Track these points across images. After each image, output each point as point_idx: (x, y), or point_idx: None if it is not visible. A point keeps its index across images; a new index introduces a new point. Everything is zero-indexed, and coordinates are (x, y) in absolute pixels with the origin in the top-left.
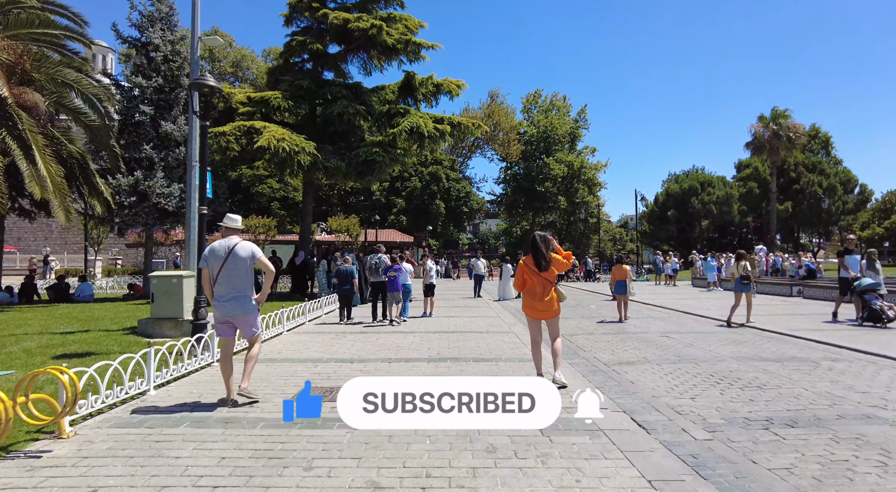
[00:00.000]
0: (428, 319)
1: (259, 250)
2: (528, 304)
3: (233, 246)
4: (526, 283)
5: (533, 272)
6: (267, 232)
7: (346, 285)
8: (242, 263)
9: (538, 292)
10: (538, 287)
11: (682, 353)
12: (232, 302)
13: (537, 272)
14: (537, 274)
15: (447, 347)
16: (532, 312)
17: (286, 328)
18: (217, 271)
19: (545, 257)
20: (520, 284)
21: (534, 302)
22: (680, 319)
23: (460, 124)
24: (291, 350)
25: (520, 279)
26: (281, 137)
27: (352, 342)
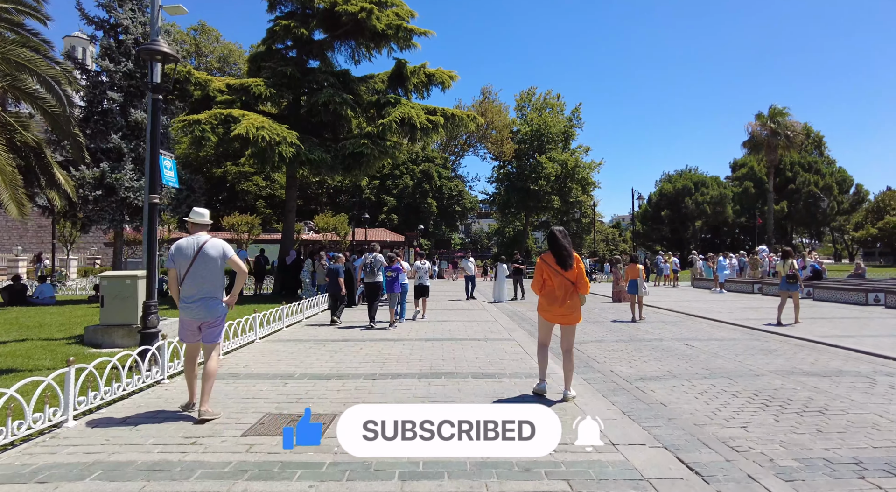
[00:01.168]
0: (419, 325)
1: (231, 249)
2: (545, 308)
3: (202, 244)
4: (545, 284)
5: (555, 272)
6: (251, 230)
7: (336, 284)
8: (212, 263)
9: (559, 296)
10: (559, 290)
11: (711, 365)
12: (199, 304)
13: (560, 272)
14: (560, 274)
15: (441, 359)
16: (548, 315)
17: (259, 336)
18: (184, 271)
19: (570, 254)
20: (538, 285)
21: (553, 307)
22: (693, 323)
23: (454, 116)
24: (261, 363)
25: (538, 280)
26: (260, 125)
27: (331, 353)
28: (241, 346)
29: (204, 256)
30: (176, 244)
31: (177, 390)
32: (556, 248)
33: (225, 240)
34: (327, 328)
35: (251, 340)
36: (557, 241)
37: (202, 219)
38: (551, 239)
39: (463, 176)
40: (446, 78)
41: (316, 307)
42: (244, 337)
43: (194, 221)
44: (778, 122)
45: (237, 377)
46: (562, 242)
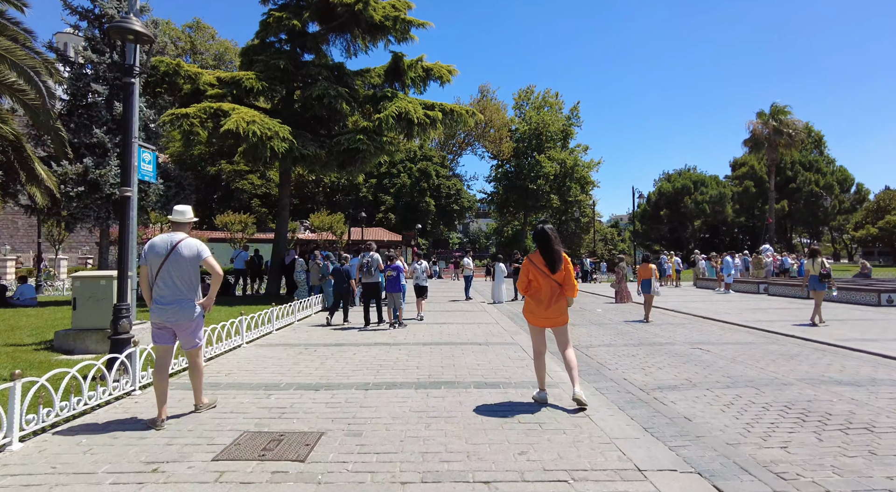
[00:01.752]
0: (417, 328)
1: (206, 249)
2: (531, 310)
3: (176, 243)
4: (531, 285)
5: (542, 273)
6: (244, 229)
7: (344, 284)
8: (186, 263)
9: (545, 298)
10: (546, 292)
11: (732, 373)
12: (173, 306)
13: (548, 274)
14: (547, 276)
15: (440, 366)
16: (535, 320)
17: (246, 340)
18: (156, 270)
19: (558, 255)
20: (524, 285)
21: (539, 309)
22: (703, 325)
23: (453, 111)
24: (245, 371)
25: (524, 280)
26: (251, 119)
27: (323, 359)
28: (226, 351)
29: (176, 256)
30: (150, 242)
31: (148, 402)
32: (546, 250)
33: (218, 239)
34: (320, 331)
35: (237, 345)
36: (549, 242)
37: (181, 217)
38: (541, 239)
39: (461, 175)
40: (445, 72)
41: (309, 309)
42: (229, 341)
43: (174, 219)
44: (780, 120)
45: (217, 387)
46: (553, 243)
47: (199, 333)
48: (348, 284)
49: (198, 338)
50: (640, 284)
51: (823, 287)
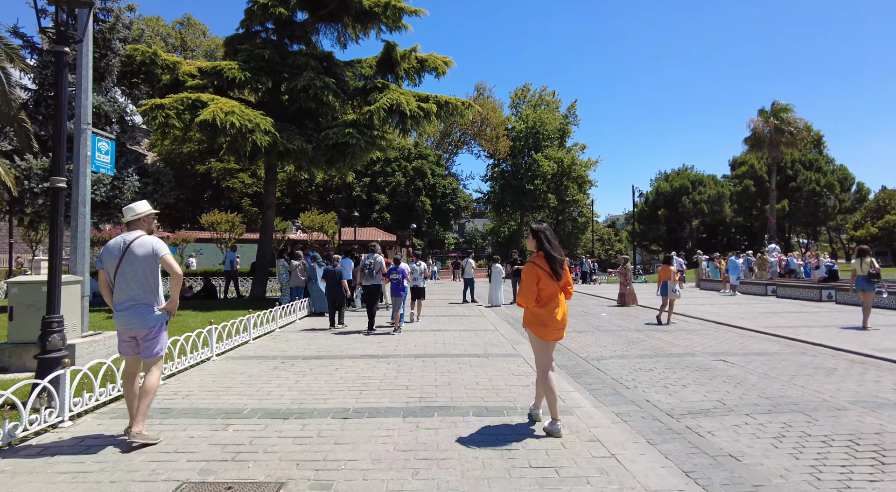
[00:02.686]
0: (409, 337)
1: (164, 247)
2: (544, 322)
3: (129, 242)
4: (541, 294)
5: (550, 278)
6: (232, 229)
7: (336, 288)
8: (141, 264)
9: (556, 305)
10: (557, 298)
11: (769, 392)
12: (130, 312)
13: (553, 278)
14: (554, 281)
15: (434, 385)
16: (550, 333)
17: (216, 351)
18: (113, 273)
19: (562, 259)
20: (531, 295)
21: (554, 321)
22: (718, 332)
23: (448, 104)
24: (206, 391)
25: (531, 288)
26: (230, 109)
27: (299, 375)
28: (193, 365)
29: (130, 257)
30: (106, 244)
31: (76, 434)
32: (549, 252)
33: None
34: (303, 339)
35: (206, 358)
36: (549, 241)
37: (130, 214)
38: (541, 237)
39: (457, 174)
40: (440, 64)
41: (293, 314)
42: (196, 355)
43: (124, 218)
44: (782, 118)
45: (167, 414)
46: (555, 244)
47: (161, 342)
48: (341, 286)
49: (158, 347)
50: (660, 287)
51: (873, 288)
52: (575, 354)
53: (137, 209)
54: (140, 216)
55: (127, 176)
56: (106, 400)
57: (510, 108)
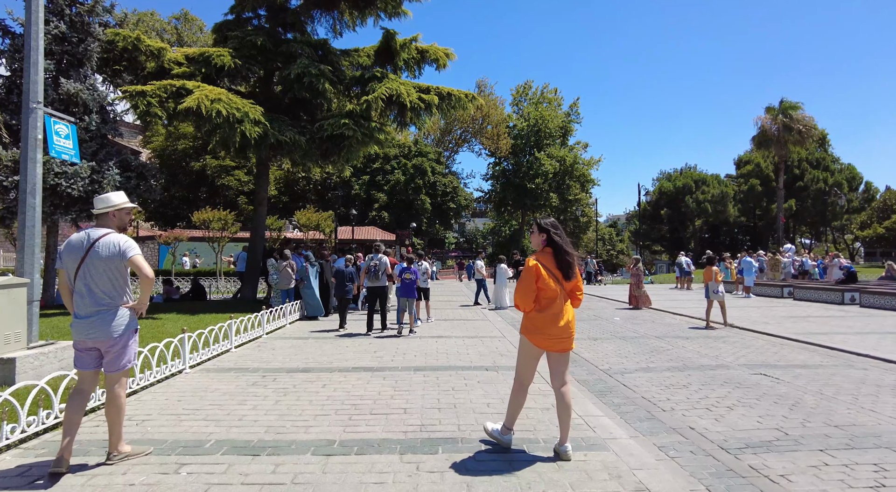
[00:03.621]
0: (409, 344)
1: (133, 247)
2: (540, 328)
3: (94, 240)
4: (541, 295)
5: (555, 279)
6: (225, 227)
7: (346, 287)
8: (104, 266)
9: (558, 311)
10: (560, 302)
11: (836, 418)
12: (90, 319)
13: (558, 279)
14: (559, 283)
15: (437, 407)
16: (544, 341)
17: (191, 363)
18: (73, 274)
19: (572, 258)
20: (530, 295)
21: (554, 327)
22: (746, 339)
23: (450, 95)
24: (168, 415)
25: (530, 287)
26: (216, 97)
27: (280, 393)
28: (161, 380)
29: (93, 257)
30: (68, 239)
31: None
32: (558, 250)
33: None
34: (289, 349)
35: (177, 371)
36: (560, 238)
37: (100, 205)
38: (551, 235)
39: (457, 173)
40: (441, 55)
41: (283, 318)
42: (164, 368)
43: (96, 209)
44: (790, 115)
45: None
46: (564, 240)
47: (129, 352)
48: (350, 287)
49: (125, 358)
50: (706, 290)
51: None
52: (595, 367)
53: (110, 201)
54: (111, 209)
55: (107, 169)
56: (39, 430)
57: (511, 105)
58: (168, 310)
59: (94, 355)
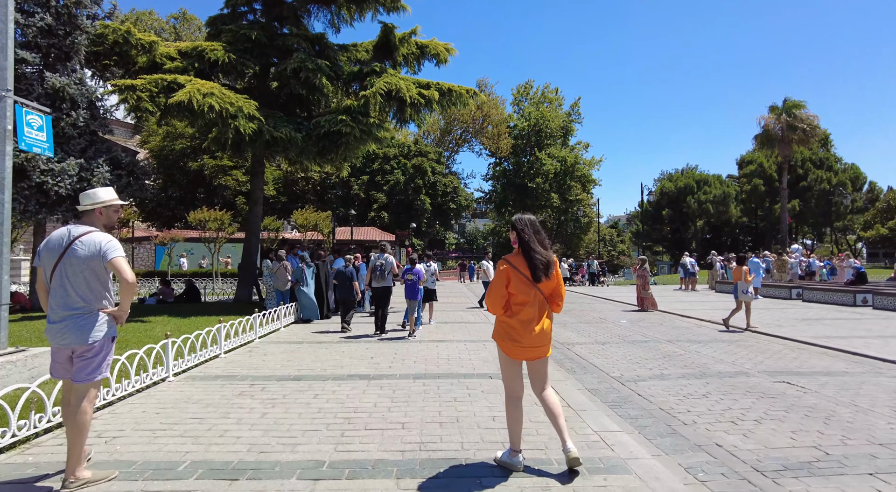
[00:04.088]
0: (408, 348)
1: (116, 248)
2: (511, 336)
3: (74, 238)
4: (511, 300)
5: (527, 282)
6: (221, 228)
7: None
8: (82, 267)
9: (531, 317)
10: (532, 309)
11: (879, 434)
12: (67, 324)
13: (531, 282)
14: (533, 286)
15: (438, 421)
16: (516, 349)
17: (175, 370)
18: (49, 274)
19: (547, 258)
20: (501, 302)
21: (526, 334)
22: (760, 343)
23: (451, 91)
24: (143, 430)
25: (500, 292)
26: (208, 91)
27: (268, 405)
28: (141, 389)
29: (70, 256)
30: (49, 236)
31: None
32: (526, 247)
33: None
34: (282, 354)
35: (160, 379)
36: (536, 234)
37: (85, 201)
38: (520, 230)
39: (457, 173)
40: (442, 50)
41: (277, 321)
42: (144, 376)
43: (81, 205)
44: (794, 114)
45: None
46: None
47: (100, 363)
48: (352, 288)
49: (95, 369)
50: (734, 290)
51: None
52: (605, 374)
53: (97, 197)
54: (97, 206)
55: (96, 167)
56: None
57: (512, 105)
58: (160, 312)
59: (67, 361)
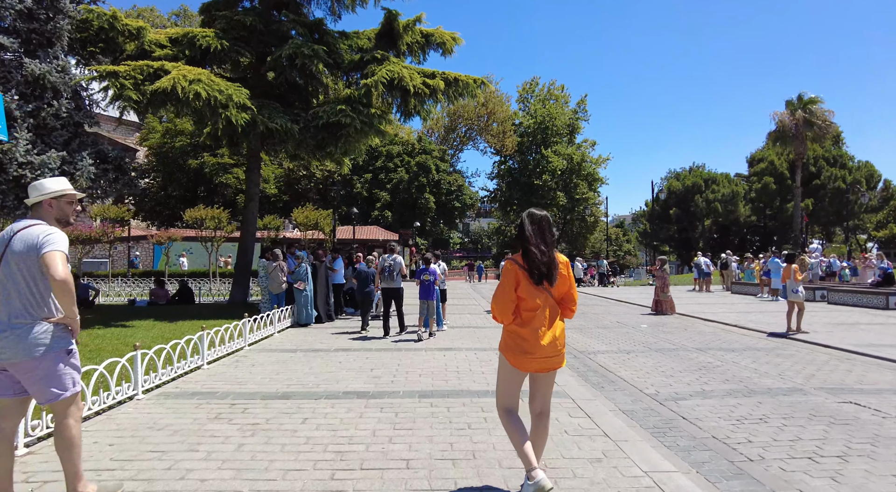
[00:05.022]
0: (413, 358)
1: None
2: (520, 346)
3: (14, 233)
4: (521, 306)
5: (535, 286)
6: (219, 226)
7: (367, 289)
8: (21, 264)
9: (543, 322)
10: (544, 312)
11: None
12: (5, 335)
13: (544, 287)
14: (542, 290)
15: (450, 457)
16: (525, 361)
17: (146, 386)
18: None
19: (553, 259)
20: (508, 305)
21: (536, 344)
22: (800, 351)
23: (457, 81)
24: (88, 469)
25: (509, 296)
26: (195, 77)
27: (246, 433)
28: (102, 410)
29: (10, 253)
30: None
31: None
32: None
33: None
34: (272, 365)
35: (130, 396)
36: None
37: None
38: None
39: (462, 171)
40: (448, 39)
41: (272, 326)
42: (106, 395)
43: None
44: (810, 110)
45: None
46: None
47: (62, 375)
48: (371, 288)
49: (60, 384)
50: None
51: None
52: (639, 391)
53: (44, 187)
54: (45, 198)
55: (80, 160)
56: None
57: (518, 102)
58: (148, 315)
59: (10, 380)
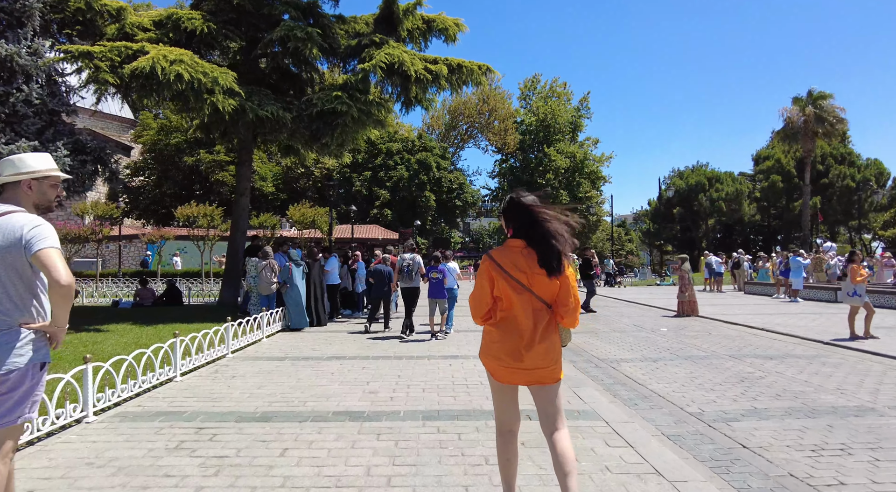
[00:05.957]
0: (416, 368)
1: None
2: (494, 352)
3: None
4: (497, 306)
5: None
6: (212, 224)
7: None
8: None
9: (525, 327)
10: (526, 316)
11: None
12: None
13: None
14: (526, 289)
15: None
16: (502, 370)
17: (101, 406)
18: None
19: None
20: (484, 307)
21: (515, 353)
22: (846, 360)
23: (461, 67)
24: None
25: (485, 297)
26: (176, 58)
27: (211, 470)
28: (34, 441)
29: None
30: None
31: None
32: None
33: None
34: (255, 377)
35: (75, 419)
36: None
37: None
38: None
39: (463, 170)
40: (451, 25)
41: (259, 331)
42: (41, 420)
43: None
44: (821, 106)
45: None
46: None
47: (25, 398)
48: (389, 287)
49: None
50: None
51: None
52: (679, 409)
53: (24, 164)
54: (24, 177)
55: (54, 150)
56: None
57: (519, 99)
58: (128, 318)
59: None
